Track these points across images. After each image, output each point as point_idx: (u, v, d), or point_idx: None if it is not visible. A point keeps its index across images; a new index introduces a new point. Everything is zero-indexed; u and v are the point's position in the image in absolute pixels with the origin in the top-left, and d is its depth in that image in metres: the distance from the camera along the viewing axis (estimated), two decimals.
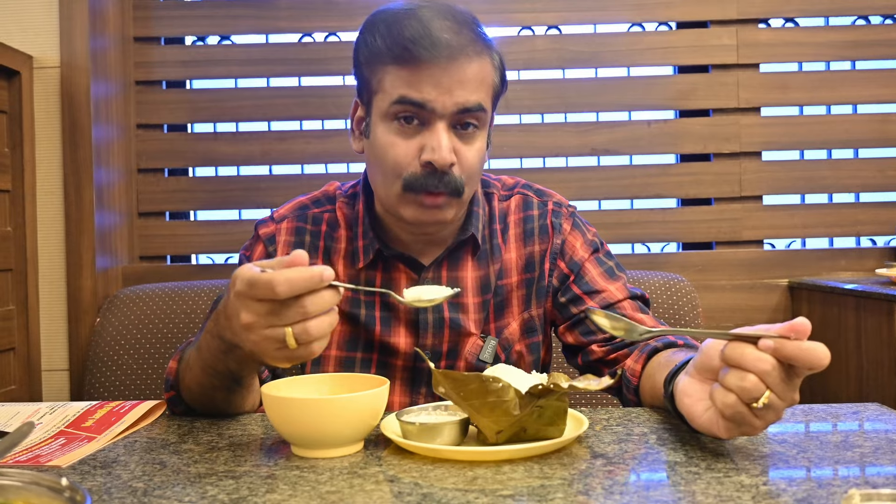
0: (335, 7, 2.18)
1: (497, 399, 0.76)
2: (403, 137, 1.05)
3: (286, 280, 0.75)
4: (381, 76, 1.05)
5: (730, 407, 0.70)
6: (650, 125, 2.16)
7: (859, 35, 2.16)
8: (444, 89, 1.01)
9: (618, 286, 1.17)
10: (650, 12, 2.17)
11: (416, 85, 1.02)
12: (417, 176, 1.04)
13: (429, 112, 1.02)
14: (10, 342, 1.83)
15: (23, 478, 0.56)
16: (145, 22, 2.16)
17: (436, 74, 1.01)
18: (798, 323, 0.69)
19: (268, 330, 0.77)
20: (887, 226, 2.15)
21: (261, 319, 0.77)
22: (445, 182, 1.04)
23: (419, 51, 1.00)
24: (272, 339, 0.77)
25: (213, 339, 0.89)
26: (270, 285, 0.74)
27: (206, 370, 0.93)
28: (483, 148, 1.09)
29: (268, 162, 2.17)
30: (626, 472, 0.71)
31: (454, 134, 1.05)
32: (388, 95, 1.04)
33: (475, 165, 1.08)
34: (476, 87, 1.04)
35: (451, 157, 1.03)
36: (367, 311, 1.15)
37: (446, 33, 1.01)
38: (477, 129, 1.07)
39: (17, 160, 1.87)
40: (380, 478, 0.72)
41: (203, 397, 0.97)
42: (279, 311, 0.76)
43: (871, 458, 0.75)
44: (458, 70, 1.02)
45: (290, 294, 0.75)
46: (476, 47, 1.04)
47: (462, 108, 1.03)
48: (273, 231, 1.17)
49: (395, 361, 1.15)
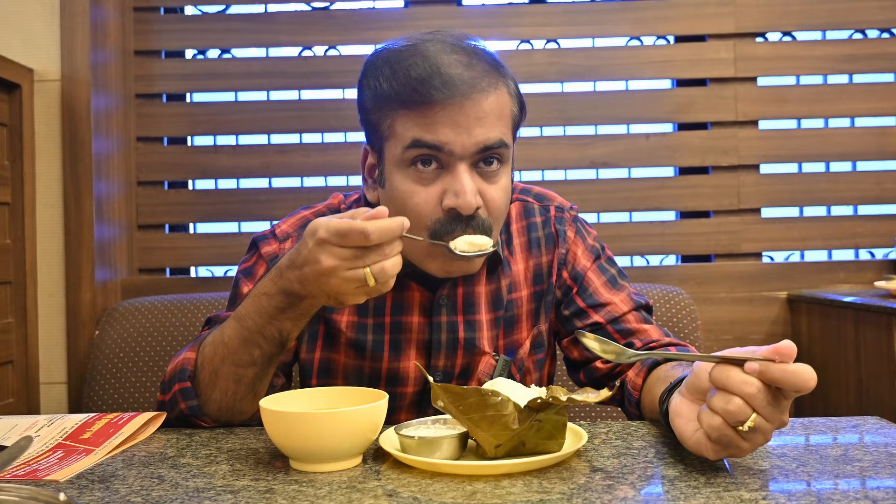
0: (335, 21, 2.19)
1: (496, 413, 0.76)
2: (422, 184, 0.99)
3: (378, 228, 0.82)
4: (392, 121, 0.99)
5: (716, 430, 0.70)
6: (648, 138, 2.16)
7: (856, 49, 2.17)
8: (462, 129, 0.96)
9: (622, 297, 1.14)
10: (648, 26, 2.18)
11: (431, 127, 0.96)
12: (442, 223, 0.98)
13: (447, 155, 0.97)
14: (9, 355, 1.82)
15: (21, 493, 0.56)
16: (146, 35, 2.17)
17: (451, 114, 0.95)
18: (783, 346, 0.69)
19: (349, 272, 0.84)
20: (886, 238, 2.15)
21: (344, 263, 0.84)
22: (473, 226, 0.98)
23: (430, 91, 0.95)
24: (353, 279, 0.84)
25: (268, 300, 0.92)
26: (365, 233, 0.82)
27: (248, 339, 0.93)
28: (508, 185, 1.04)
29: (268, 175, 2.18)
30: (625, 487, 0.71)
31: (476, 174, 0.99)
32: (401, 140, 0.98)
33: (502, 206, 1.02)
34: (495, 121, 0.98)
35: (476, 201, 0.97)
36: (374, 337, 1.10)
37: (457, 68, 0.96)
38: (501, 164, 1.01)
39: (17, 173, 1.87)
40: (378, 492, 0.71)
41: (230, 379, 0.95)
42: (363, 255, 0.84)
43: (870, 471, 0.74)
44: (475, 107, 0.96)
45: (380, 241, 0.83)
46: (490, 79, 0.98)
47: (483, 146, 0.97)
48: (276, 251, 1.12)
49: (403, 390, 1.12)
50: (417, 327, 1.11)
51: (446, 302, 1.11)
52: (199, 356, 0.99)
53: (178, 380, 0.98)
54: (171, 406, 0.99)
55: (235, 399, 0.98)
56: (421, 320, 1.11)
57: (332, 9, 2.22)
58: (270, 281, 0.92)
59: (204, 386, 0.97)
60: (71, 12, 1.95)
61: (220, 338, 0.96)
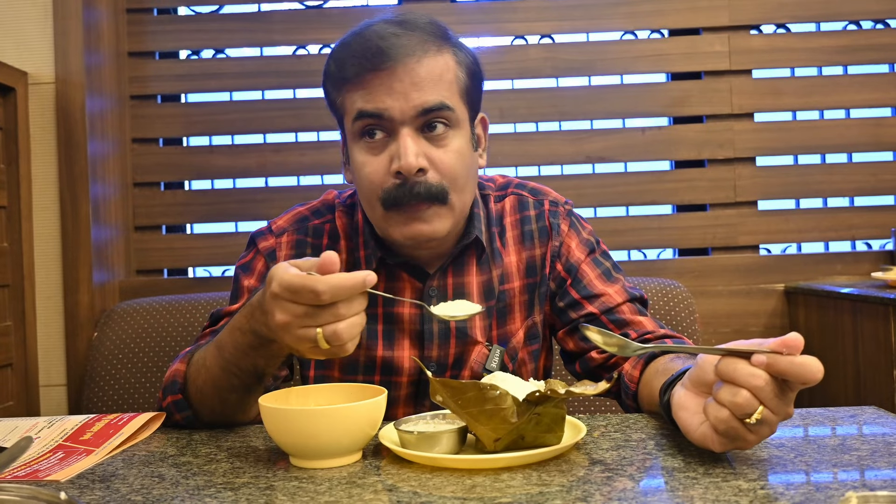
0: (329, 19, 2.19)
1: (495, 407, 0.76)
2: (373, 154, 1.03)
3: (330, 287, 0.76)
4: (343, 99, 1.05)
5: (723, 422, 0.70)
6: (644, 132, 2.16)
7: (851, 40, 2.17)
8: (398, 94, 0.99)
9: (616, 289, 1.15)
10: (642, 20, 2.18)
11: (370, 96, 1.00)
12: (390, 190, 1.01)
13: (388, 121, 1.00)
14: (8, 358, 1.82)
15: (21, 493, 0.56)
16: (140, 37, 2.17)
17: (386, 81, 0.99)
18: (791, 338, 0.69)
19: (301, 331, 0.79)
20: (882, 229, 2.16)
21: (296, 320, 0.78)
22: (417, 192, 1.00)
23: (365, 62, 0.99)
24: (305, 338, 0.79)
25: (242, 336, 0.89)
26: (315, 292, 0.76)
27: (226, 369, 0.92)
28: (462, 147, 1.05)
29: (263, 174, 2.18)
30: (624, 479, 0.71)
31: (423, 139, 1.02)
32: (350, 114, 1.03)
33: (454, 167, 1.03)
34: (433, 85, 1.01)
35: (418, 162, 1.00)
36: (368, 327, 1.11)
37: (390, 39, 1.00)
38: (448, 128, 1.03)
39: (12, 176, 1.87)
40: (378, 487, 0.72)
41: (215, 399, 0.96)
42: (314, 313, 0.78)
43: (868, 461, 0.75)
44: (408, 72, 0.99)
45: (332, 300, 0.77)
46: (426, 46, 1.01)
47: (422, 109, 1.00)
48: (273, 245, 1.15)
49: (398, 379, 1.13)
50: (409, 318, 1.12)
51: (436, 293, 1.12)
52: (188, 371, 1.00)
53: (170, 392, 1.00)
54: (168, 414, 1.01)
55: (225, 415, 0.99)
56: (413, 311, 1.12)
57: (326, 7, 2.22)
58: (244, 317, 0.89)
59: (194, 401, 0.99)
60: (64, 15, 1.94)
61: (203, 361, 0.97)
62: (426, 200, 1.01)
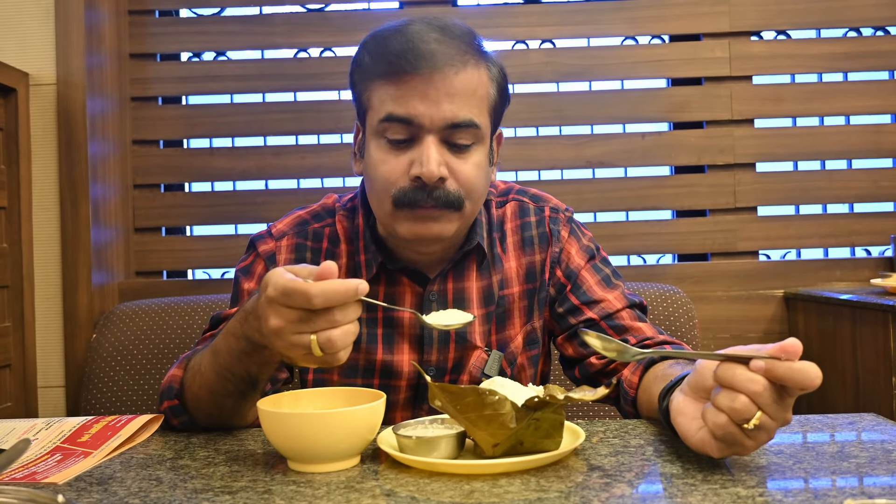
0: (330, 22, 2.19)
1: (493, 412, 0.76)
2: (393, 154, 1.02)
3: (323, 292, 0.76)
4: (370, 93, 1.04)
5: (721, 427, 0.70)
6: (644, 137, 2.17)
7: (851, 47, 2.18)
8: (430, 102, 0.99)
9: (616, 295, 1.15)
10: (643, 26, 2.18)
11: (402, 100, 0.99)
12: (406, 191, 1.01)
13: (417, 128, 1.00)
14: (6, 359, 1.82)
15: (19, 495, 0.56)
16: (141, 38, 2.17)
17: (420, 87, 0.99)
18: (789, 343, 0.69)
19: (294, 336, 0.78)
20: (882, 236, 2.16)
21: (289, 325, 0.78)
22: (435, 196, 1.00)
23: (402, 64, 0.98)
24: (298, 345, 0.78)
25: (236, 341, 0.89)
26: (307, 296, 0.76)
27: (221, 374, 0.92)
28: (482, 161, 1.05)
29: (264, 177, 2.18)
30: (622, 485, 0.71)
31: (446, 149, 1.02)
32: (377, 113, 1.02)
33: (473, 179, 1.04)
34: (466, 99, 1.01)
35: (440, 171, 1.00)
36: (367, 330, 1.12)
37: (431, 44, 0.99)
38: (472, 143, 1.03)
39: (13, 177, 1.87)
40: (376, 492, 0.71)
41: (211, 405, 0.96)
42: (308, 319, 0.78)
43: (867, 468, 0.75)
44: (444, 81, 0.99)
45: (324, 305, 0.77)
46: (465, 57, 1.01)
47: (451, 123, 1.00)
48: (273, 249, 1.14)
49: (397, 383, 1.13)
50: (409, 322, 1.12)
51: (437, 297, 1.12)
52: (185, 376, 1.00)
53: (166, 397, 1.00)
54: (166, 418, 1.01)
55: (221, 420, 0.99)
56: (412, 315, 1.11)
57: (328, 10, 2.22)
58: (238, 322, 0.89)
59: (190, 406, 0.99)
60: (66, 16, 1.95)
61: (199, 366, 0.97)
62: (442, 206, 1.02)
